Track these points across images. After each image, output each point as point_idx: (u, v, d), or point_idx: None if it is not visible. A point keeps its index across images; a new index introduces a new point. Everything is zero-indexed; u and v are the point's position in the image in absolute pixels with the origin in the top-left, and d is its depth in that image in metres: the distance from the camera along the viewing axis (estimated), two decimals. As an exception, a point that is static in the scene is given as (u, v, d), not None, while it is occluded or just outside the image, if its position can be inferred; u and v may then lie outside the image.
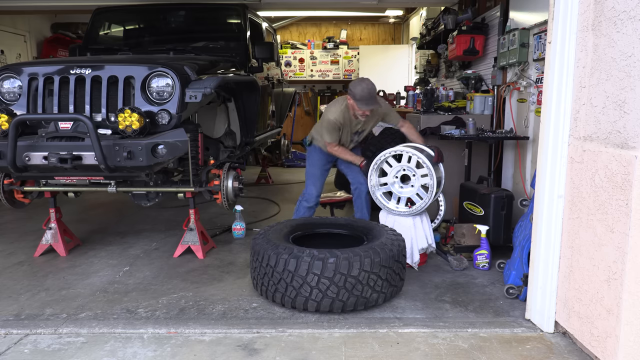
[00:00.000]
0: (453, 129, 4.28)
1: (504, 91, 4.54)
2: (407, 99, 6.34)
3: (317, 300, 2.60)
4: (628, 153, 1.96)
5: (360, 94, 3.43)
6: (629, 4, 1.97)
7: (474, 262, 3.42)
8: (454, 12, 5.78)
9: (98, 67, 3.36)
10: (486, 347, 2.36)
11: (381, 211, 3.57)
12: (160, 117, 3.33)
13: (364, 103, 3.45)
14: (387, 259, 2.71)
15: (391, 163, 3.42)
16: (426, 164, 3.27)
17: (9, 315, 2.72)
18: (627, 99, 1.99)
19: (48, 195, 3.73)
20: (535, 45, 3.93)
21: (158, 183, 3.64)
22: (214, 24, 5.28)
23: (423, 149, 3.47)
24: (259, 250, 2.78)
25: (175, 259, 3.64)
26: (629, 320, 1.98)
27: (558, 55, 2.38)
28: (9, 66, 3.58)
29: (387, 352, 2.31)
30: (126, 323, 2.61)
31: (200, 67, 3.69)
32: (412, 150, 3.34)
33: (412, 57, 9.30)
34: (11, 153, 3.12)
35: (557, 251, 2.46)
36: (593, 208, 2.18)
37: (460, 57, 5.27)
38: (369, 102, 3.46)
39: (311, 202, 3.90)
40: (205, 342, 2.41)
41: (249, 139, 4.78)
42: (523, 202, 3.29)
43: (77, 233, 4.11)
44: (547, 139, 2.47)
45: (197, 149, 3.60)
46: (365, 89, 3.43)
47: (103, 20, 5.26)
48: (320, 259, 2.58)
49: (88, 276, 3.32)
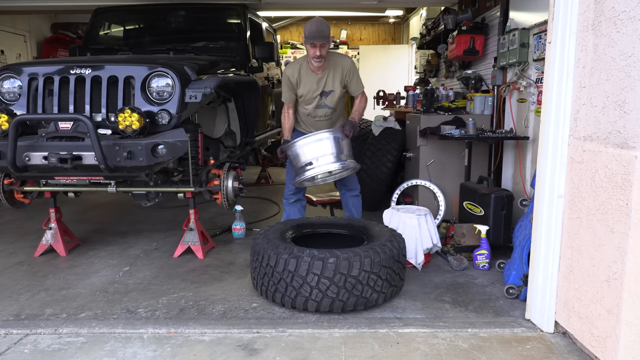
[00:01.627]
0: (453, 129, 4.27)
1: (504, 91, 4.53)
2: (407, 99, 6.33)
3: (317, 300, 2.60)
4: (628, 153, 1.96)
5: (309, 29, 3.25)
6: (629, 4, 1.97)
7: (474, 262, 3.43)
8: (454, 12, 5.78)
9: (98, 67, 3.36)
10: (486, 347, 2.36)
11: (385, 211, 3.58)
12: (160, 117, 3.33)
13: (310, 37, 3.27)
14: (387, 259, 2.71)
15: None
16: None
17: (9, 315, 2.72)
18: (627, 99, 1.99)
19: (48, 195, 3.73)
20: (535, 45, 3.93)
21: (158, 183, 3.64)
22: (214, 24, 5.28)
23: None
24: (259, 250, 2.78)
25: (175, 259, 3.64)
26: (629, 320, 1.98)
27: (558, 55, 2.38)
28: (9, 66, 3.58)
29: (387, 352, 2.31)
30: (126, 323, 2.61)
31: (200, 67, 3.69)
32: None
33: (412, 57, 9.31)
34: (11, 153, 3.12)
35: (557, 251, 2.46)
36: (593, 208, 2.18)
37: (460, 57, 5.27)
38: (316, 36, 3.26)
39: (290, 198, 3.80)
40: (205, 342, 2.41)
41: (249, 139, 4.78)
42: (523, 202, 3.29)
43: (77, 233, 4.11)
44: (547, 139, 2.47)
45: (197, 149, 3.61)
46: (313, 23, 3.26)
47: (103, 20, 5.26)
48: (321, 259, 2.58)
49: (88, 276, 3.32)
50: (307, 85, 3.52)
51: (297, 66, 3.50)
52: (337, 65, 3.50)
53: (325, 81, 3.51)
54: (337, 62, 3.52)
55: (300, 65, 3.50)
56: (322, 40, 3.29)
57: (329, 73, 3.50)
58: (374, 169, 4.79)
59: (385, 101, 6.68)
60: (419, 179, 4.55)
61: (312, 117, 3.65)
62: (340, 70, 3.51)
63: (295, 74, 3.47)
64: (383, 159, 4.87)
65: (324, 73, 3.50)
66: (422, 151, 4.59)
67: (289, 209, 3.83)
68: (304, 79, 3.50)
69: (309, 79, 3.50)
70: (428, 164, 4.58)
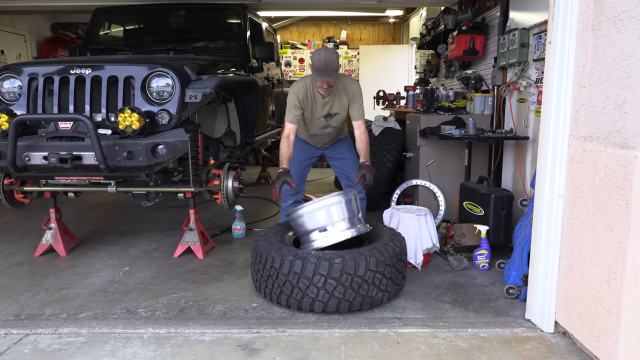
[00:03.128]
0: (453, 129, 4.27)
1: (504, 91, 4.53)
2: (407, 99, 6.33)
3: (324, 301, 2.60)
4: (628, 153, 1.96)
5: (317, 64, 3.12)
6: (629, 4, 1.97)
7: (474, 262, 3.43)
8: (454, 12, 5.78)
9: (98, 67, 3.36)
10: (486, 347, 2.36)
11: (385, 211, 3.58)
12: (160, 117, 3.33)
13: (317, 73, 3.15)
14: (391, 257, 2.72)
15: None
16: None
17: (9, 315, 2.72)
18: (627, 99, 1.99)
19: (48, 195, 3.73)
20: (535, 45, 3.93)
21: (158, 183, 3.64)
22: (214, 24, 5.28)
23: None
24: (262, 252, 2.76)
25: (175, 259, 3.64)
26: (629, 320, 1.98)
27: (558, 55, 2.38)
28: (9, 66, 3.58)
29: (387, 352, 2.31)
30: (126, 323, 2.61)
31: (200, 67, 3.69)
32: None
33: (412, 57, 9.31)
34: (11, 153, 3.12)
35: (557, 251, 2.46)
36: (593, 208, 2.18)
37: (460, 57, 5.27)
38: (323, 74, 3.14)
39: (288, 200, 3.71)
40: (205, 342, 2.41)
41: (249, 139, 4.78)
42: (523, 202, 3.29)
43: (77, 233, 4.11)
44: (547, 139, 2.47)
45: (197, 149, 3.60)
46: (322, 58, 3.10)
47: (103, 20, 5.26)
48: (327, 259, 2.57)
49: (88, 276, 3.32)
50: (312, 107, 3.42)
51: (302, 87, 3.36)
52: (343, 88, 3.39)
53: (331, 104, 3.42)
54: (344, 85, 3.40)
55: (306, 86, 3.36)
56: (330, 78, 3.18)
57: (336, 96, 3.40)
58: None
59: (385, 101, 6.68)
60: (419, 179, 4.55)
61: (316, 135, 3.61)
62: (345, 94, 3.41)
63: (301, 94, 3.34)
64: (383, 159, 4.87)
65: (330, 97, 3.39)
66: (422, 151, 4.59)
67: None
68: (310, 101, 3.39)
69: (315, 100, 3.40)
70: (428, 164, 4.58)
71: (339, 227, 2.89)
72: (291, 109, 3.34)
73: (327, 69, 3.13)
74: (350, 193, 2.99)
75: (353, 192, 3.02)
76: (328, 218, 2.89)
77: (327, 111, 3.44)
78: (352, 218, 2.94)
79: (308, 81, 3.37)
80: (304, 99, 3.35)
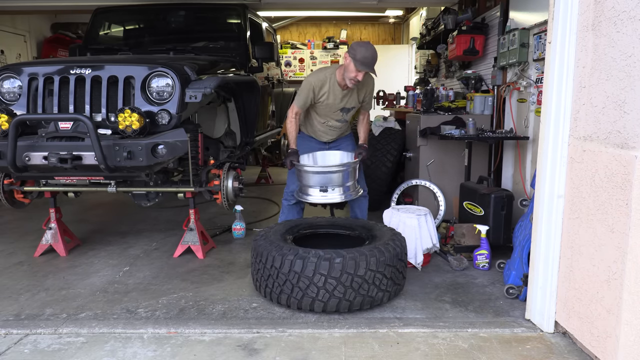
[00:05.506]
0: (453, 129, 4.27)
1: (504, 91, 4.54)
2: (407, 99, 6.33)
3: (324, 300, 2.60)
4: (628, 153, 1.96)
5: (363, 54, 3.19)
6: (629, 4, 1.97)
7: (474, 262, 3.43)
8: (454, 12, 5.78)
9: (98, 67, 3.36)
10: (486, 347, 2.36)
11: (385, 211, 3.58)
12: (160, 117, 3.33)
13: (363, 64, 3.20)
14: (392, 257, 2.72)
15: None
16: None
17: (9, 315, 2.72)
18: (627, 99, 1.99)
19: (48, 195, 3.73)
20: (535, 45, 3.93)
21: (158, 183, 3.64)
22: (214, 24, 5.28)
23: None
24: (262, 252, 2.76)
25: (175, 259, 3.64)
26: (629, 320, 1.98)
27: (558, 55, 2.38)
28: (9, 66, 3.58)
29: (387, 352, 2.31)
30: (126, 323, 2.61)
31: (200, 67, 3.69)
32: None
33: (412, 57, 9.31)
34: (11, 153, 3.12)
35: (557, 251, 2.46)
36: (593, 208, 2.18)
37: (460, 57, 5.27)
38: (368, 66, 3.22)
39: (290, 199, 3.75)
40: (205, 342, 2.41)
41: (249, 139, 4.78)
42: (523, 202, 3.29)
43: (77, 233, 4.11)
44: (547, 139, 2.47)
45: (197, 149, 3.60)
46: (369, 51, 3.21)
47: (103, 20, 5.26)
48: (327, 259, 2.58)
49: (88, 276, 3.32)
50: (330, 99, 3.46)
51: (324, 77, 3.40)
52: (363, 83, 3.43)
53: (349, 98, 3.50)
54: (364, 81, 3.44)
55: (328, 77, 3.40)
56: (371, 70, 3.30)
57: (354, 90, 3.47)
58: (373, 169, 4.79)
59: (385, 101, 6.68)
60: (419, 179, 4.55)
61: (327, 126, 3.64)
62: (364, 88, 3.52)
63: (319, 85, 3.40)
64: (383, 159, 4.87)
65: (350, 91, 3.46)
66: (422, 151, 4.59)
67: (288, 210, 3.79)
68: (330, 93, 3.43)
69: (334, 94, 3.44)
70: (428, 164, 4.58)
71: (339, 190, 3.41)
72: (305, 96, 3.43)
73: (373, 62, 3.25)
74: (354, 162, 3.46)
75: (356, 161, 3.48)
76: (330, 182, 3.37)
77: (344, 105, 3.52)
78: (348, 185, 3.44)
79: (329, 74, 3.42)
80: (322, 90, 3.43)
